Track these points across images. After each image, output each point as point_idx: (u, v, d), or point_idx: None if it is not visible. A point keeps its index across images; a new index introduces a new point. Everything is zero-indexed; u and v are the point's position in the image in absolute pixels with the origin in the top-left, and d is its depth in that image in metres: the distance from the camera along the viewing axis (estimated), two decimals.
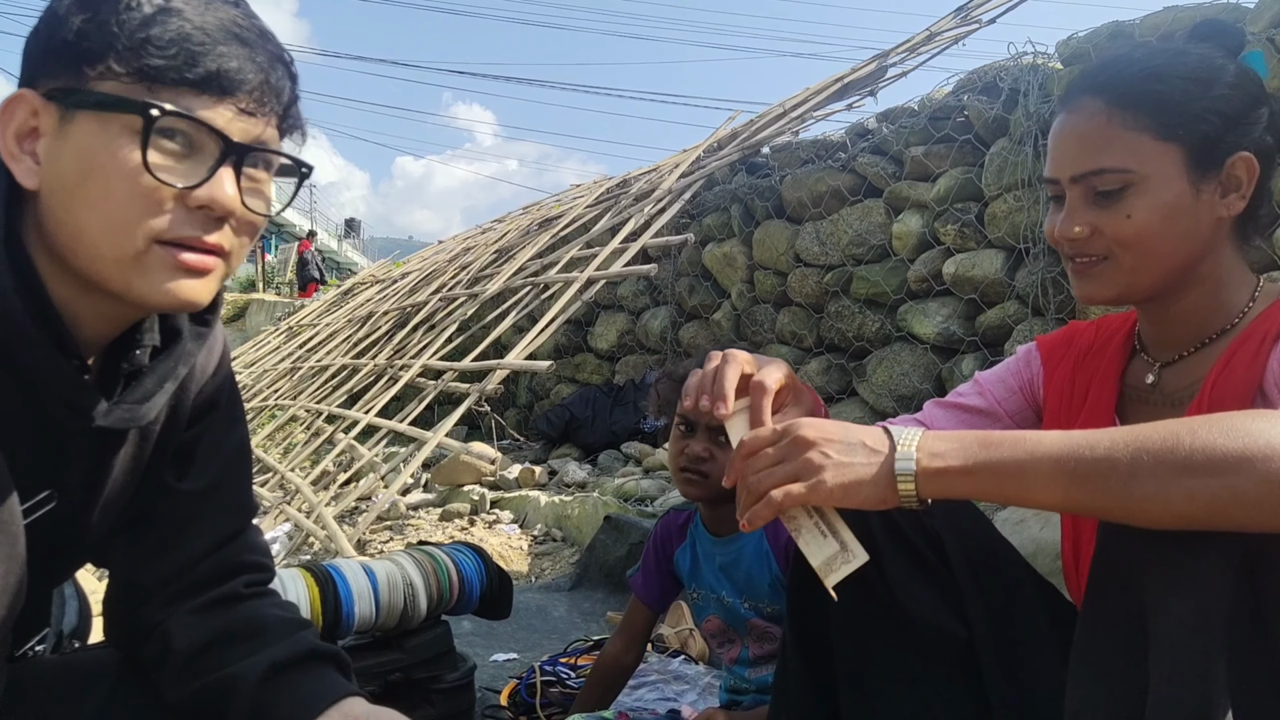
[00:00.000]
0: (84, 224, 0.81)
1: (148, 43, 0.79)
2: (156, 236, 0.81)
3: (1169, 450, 0.78)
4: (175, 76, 0.80)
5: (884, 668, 1.07)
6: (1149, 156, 1.01)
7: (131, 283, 0.83)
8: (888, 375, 4.33)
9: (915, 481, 0.87)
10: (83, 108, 0.80)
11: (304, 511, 3.83)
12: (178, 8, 0.81)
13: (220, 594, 1.02)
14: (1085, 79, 1.08)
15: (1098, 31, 3.64)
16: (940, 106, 4.26)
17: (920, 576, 1.06)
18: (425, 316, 6.12)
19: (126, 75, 0.79)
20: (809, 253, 4.80)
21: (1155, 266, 1.03)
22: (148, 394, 0.93)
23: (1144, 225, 1.01)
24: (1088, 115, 1.04)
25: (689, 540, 1.67)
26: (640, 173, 6.93)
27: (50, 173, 0.81)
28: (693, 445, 1.52)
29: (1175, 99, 1.01)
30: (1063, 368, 1.21)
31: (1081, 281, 1.07)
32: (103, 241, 0.81)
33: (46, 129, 0.81)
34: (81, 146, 0.80)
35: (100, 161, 0.80)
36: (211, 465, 1.05)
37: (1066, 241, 1.06)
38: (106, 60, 0.79)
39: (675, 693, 1.92)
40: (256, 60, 0.84)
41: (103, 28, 0.79)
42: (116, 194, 0.80)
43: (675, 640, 2.25)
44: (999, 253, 3.92)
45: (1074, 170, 1.04)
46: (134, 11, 0.80)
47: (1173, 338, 1.11)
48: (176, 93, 0.80)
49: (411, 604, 1.72)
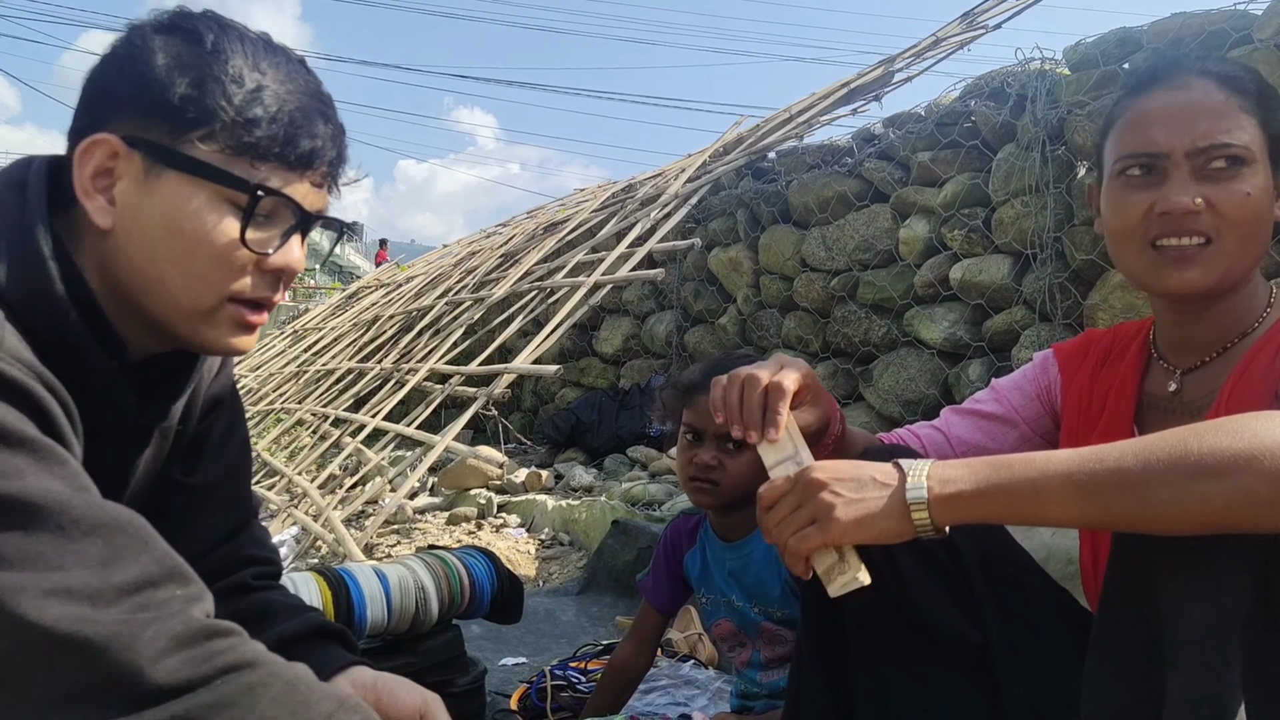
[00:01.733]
0: (165, 275, 0.86)
1: (253, 122, 0.85)
2: (233, 296, 0.88)
3: (1179, 457, 0.78)
4: (275, 154, 0.86)
5: (899, 672, 1.07)
6: (1256, 143, 1.01)
7: (198, 331, 0.90)
8: (894, 381, 4.33)
9: (929, 509, 0.88)
10: (178, 169, 0.84)
11: (311, 515, 3.83)
12: (270, 84, 0.87)
13: (229, 584, 1.06)
14: (1183, 62, 1.06)
15: (1105, 37, 3.65)
16: (947, 112, 4.26)
17: (936, 581, 1.06)
18: (431, 320, 6.13)
19: (229, 148, 0.85)
20: (815, 258, 4.80)
21: (1250, 253, 1.02)
22: (175, 395, 0.98)
23: (1259, 205, 1.00)
24: (1203, 92, 1.02)
25: (699, 545, 1.67)
26: (646, 177, 6.94)
27: (130, 219, 0.86)
28: (701, 454, 1.52)
29: (1266, 92, 1.04)
30: (1080, 376, 1.21)
31: (1178, 269, 1.01)
32: (181, 294, 0.87)
33: (126, 174, 0.85)
34: (170, 205, 0.85)
35: (191, 225, 0.85)
36: (218, 461, 1.09)
37: (1177, 215, 1.00)
38: (210, 128, 0.84)
39: (686, 697, 1.93)
40: (334, 138, 0.91)
41: (208, 97, 0.84)
42: (203, 256, 0.86)
43: (685, 645, 2.25)
44: (1006, 258, 3.92)
45: (1198, 142, 1.00)
46: (238, 86, 0.85)
47: (1198, 340, 1.09)
48: (271, 168, 0.87)
49: (423, 608, 1.72)
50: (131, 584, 0.72)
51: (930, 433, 1.23)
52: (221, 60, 0.86)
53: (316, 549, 3.62)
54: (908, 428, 1.26)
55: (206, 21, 0.88)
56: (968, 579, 1.07)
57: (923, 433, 1.23)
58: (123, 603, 0.70)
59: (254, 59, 0.87)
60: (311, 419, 5.79)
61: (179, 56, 0.85)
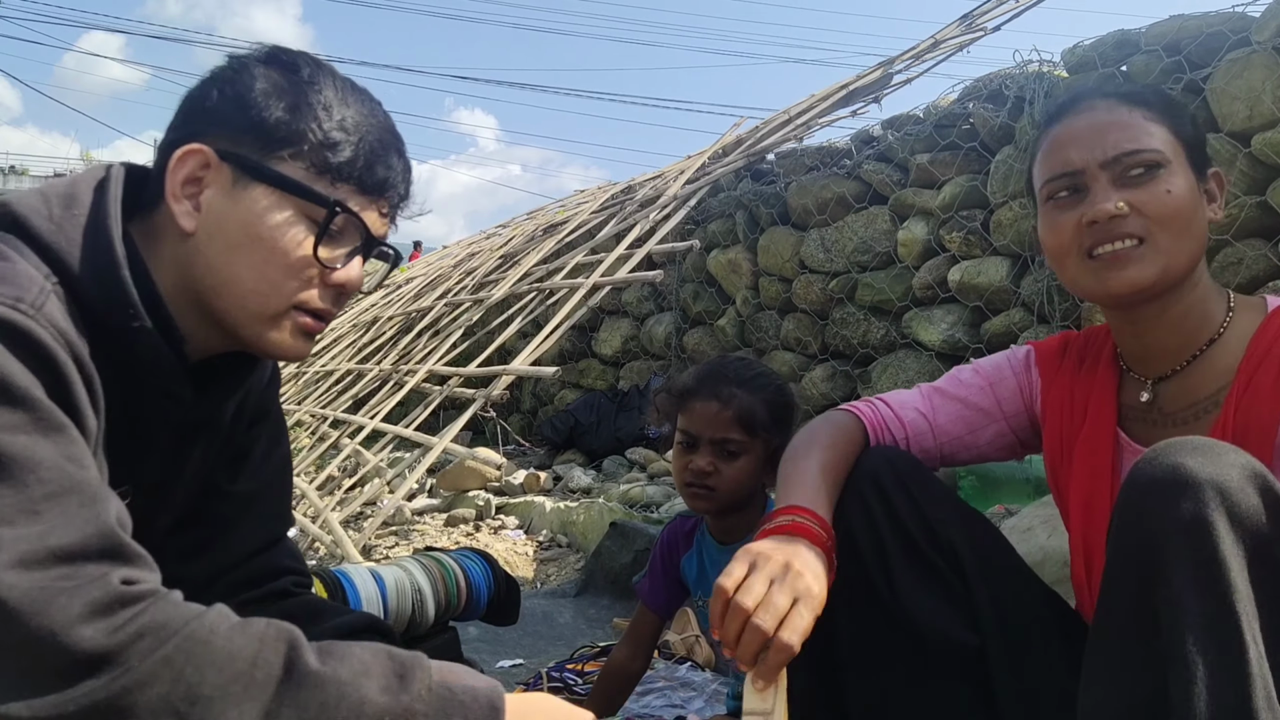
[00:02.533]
0: (239, 278, 0.93)
1: (337, 146, 0.93)
2: (299, 305, 0.95)
3: None
4: (354, 178, 0.94)
5: (892, 677, 1.07)
6: (1168, 146, 1.06)
7: (263, 334, 0.96)
8: (892, 382, 4.33)
9: None
10: (266, 182, 0.92)
11: (309, 516, 3.83)
12: (354, 116, 0.95)
13: (270, 590, 1.11)
14: (1084, 91, 1.13)
15: (1103, 40, 3.65)
16: (945, 114, 4.27)
17: (931, 586, 1.07)
18: (430, 322, 6.13)
19: (313, 167, 0.93)
20: (814, 259, 4.81)
21: (1186, 250, 1.05)
22: (229, 391, 1.04)
23: (1183, 201, 1.04)
24: (1109, 109, 1.08)
25: (696, 547, 1.67)
26: (645, 179, 6.94)
27: (213, 224, 0.92)
28: (696, 460, 1.52)
29: (1175, 103, 1.10)
30: (1060, 380, 1.21)
31: (1117, 270, 1.04)
32: (252, 298, 0.94)
33: (214, 183, 0.92)
34: (253, 214, 0.92)
35: (270, 234, 0.92)
36: (261, 471, 1.14)
37: (1104, 222, 1.04)
38: (298, 148, 0.92)
39: (682, 699, 1.93)
40: (405, 173, 1.00)
41: (300, 120, 0.92)
42: (277, 263, 0.93)
43: (682, 647, 2.25)
44: (1004, 260, 3.93)
45: (1109, 153, 1.05)
46: (327, 114, 0.94)
47: (1161, 348, 1.10)
48: (349, 190, 0.94)
49: (419, 610, 1.72)
50: (66, 551, 0.71)
51: (915, 418, 1.24)
52: (315, 90, 0.94)
53: (314, 550, 3.62)
54: (890, 404, 1.26)
55: (304, 57, 0.98)
56: (964, 582, 1.08)
57: (907, 418, 1.24)
58: (50, 569, 0.70)
59: (342, 94, 0.96)
60: (310, 420, 5.79)
61: (277, 84, 0.93)
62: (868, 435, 1.22)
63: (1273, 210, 3.03)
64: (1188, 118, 1.10)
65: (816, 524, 1.03)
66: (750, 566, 0.96)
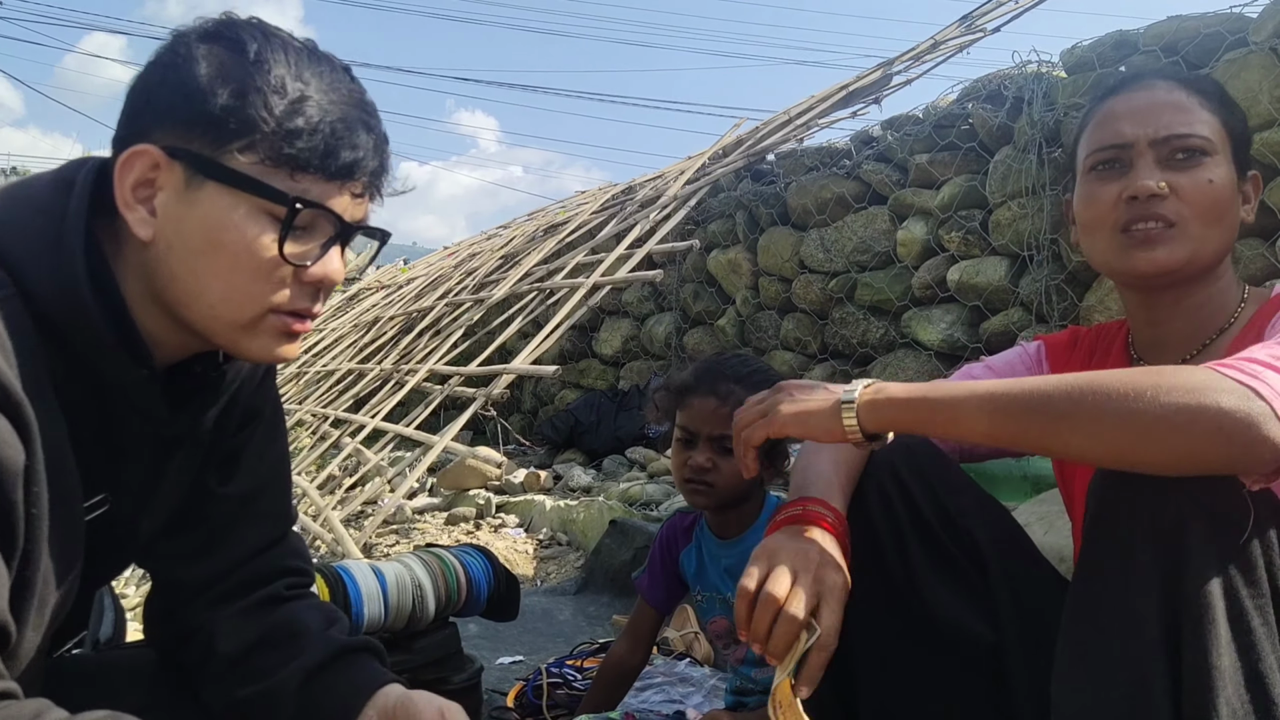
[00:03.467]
0: (205, 287, 0.86)
1: (294, 134, 0.84)
2: (275, 308, 0.88)
3: (1085, 382, 0.84)
4: (315, 165, 0.85)
5: (906, 670, 1.06)
6: (1217, 137, 1.07)
7: (239, 342, 0.90)
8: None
9: (856, 412, 0.95)
10: (218, 180, 0.84)
11: (311, 514, 3.84)
12: (312, 94, 0.86)
13: (263, 595, 1.06)
14: (1146, 70, 1.16)
15: (1101, 41, 3.66)
16: (945, 114, 4.28)
17: (948, 578, 1.06)
18: (431, 322, 6.14)
19: (269, 159, 0.84)
20: (814, 259, 4.82)
21: (1215, 240, 1.06)
22: (207, 405, 0.98)
23: (1221, 193, 1.05)
24: (1167, 90, 1.09)
25: (695, 542, 1.68)
26: (646, 179, 6.95)
27: (170, 231, 0.85)
28: (695, 456, 1.53)
29: (1230, 100, 1.11)
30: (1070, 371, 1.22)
31: (1146, 249, 1.05)
32: (222, 306, 0.87)
33: (167, 185, 0.84)
34: (211, 217, 0.84)
35: (232, 237, 0.84)
36: (255, 472, 1.08)
37: (1144, 199, 1.05)
38: (250, 139, 0.83)
39: (681, 695, 1.94)
40: (377, 148, 0.90)
41: (249, 108, 0.83)
42: (244, 268, 0.85)
43: (681, 643, 2.26)
44: (1003, 260, 3.94)
45: (1160, 132, 1.06)
46: (280, 97, 0.84)
47: (1174, 338, 1.12)
48: (312, 180, 0.85)
49: (420, 606, 1.73)
50: None
51: None
52: (264, 70, 0.84)
53: (315, 548, 3.63)
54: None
55: (250, 30, 0.87)
56: (983, 574, 1.07)
57: None
58: None
59: (297, 68, 0.86)
60: (311, 419, 5.80)
61: (221, 66, 0.84)
62: None
63: (1270, 210, 3.04)
64: (1241, 116, 1.11)
65: (828, 512, 1.03)
66: (770, 562, 0.96)
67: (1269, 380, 0.80)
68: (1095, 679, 0.85)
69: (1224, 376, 0.80)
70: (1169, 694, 0.80)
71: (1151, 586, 0.82)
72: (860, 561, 1.05)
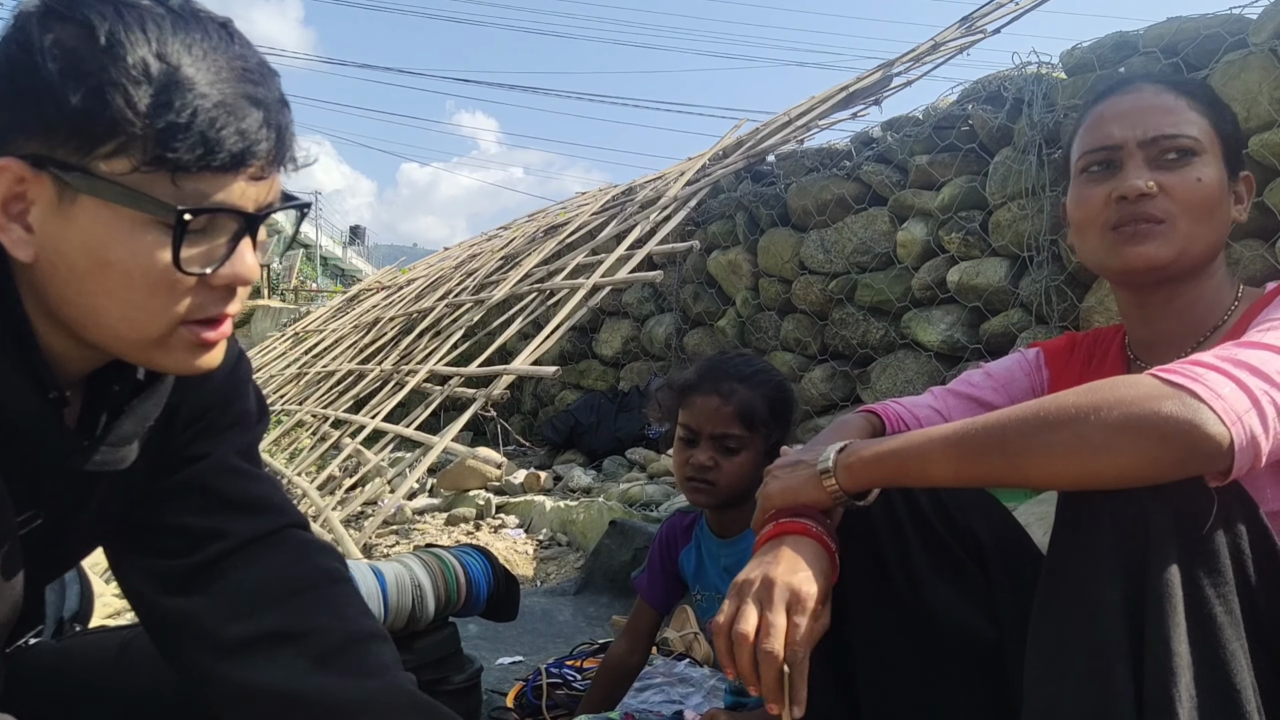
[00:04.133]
0: (100, 308, 0.77)
1: (168, 132, 0.72)
2: (181, 320, 0.79)
3: (1032, 413, 0.86)
4: (198, 163, 0.74)
5: (906, 668, 1.06)
6: (1206, 138, 1.08)
7: (152, 359, 0.82)
8: (892, 383, 4.35)
9: (835, 476, 1.00)
10: (91, 193, 0.73)
11: (311, 515, 3.85)
12: (184, 75, 0.73)
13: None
14: (1134, 74, 1.17)
15: (1101, 42, 3.66)
16: (945, 115, 4.28)
17: (949, 576, 1.06)
18: (431, 323, 6.15)
19: (144, 164, 0.73)
20: (814, 260, 4.82)
21: (1204, 238, 1.08)
22: (126, 437, 0.89)
23: (1210, 192, 1.07)
24: (1155, 93, 1.11)
25: (694, 542, 1.68)
26: (646, 180, 6.96)
27: (51, 251, 0.75)
28: (697, 455, 1.54)
29: (1220, 101, 1.13)
30: (1067, 377, 1.22)
31: (1138, 245, 1.07)
32: (123, 326, 0.78)
33: (39, 198, 0.74)
34: (91, 234, 0.74)
35: (118, 255, 0.75)
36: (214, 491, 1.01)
37: (1133, 199, 1.07)
38: (118, 142, 0.72)
39: (680, 695, 1.94)
40: (269, 121, 0.77)
41: (110, 108, 0.71)
42: (138, 285, 0.76)
43: (680, 644, 2.26)
44: (1003, 261, 3.94)
45: (1149, 133, 1.08)
46: (144, 87, 0.72)
47: (1168, 336, 1.12)
48: (198, 178, 0.75)
49: (419, 606, 1.74)
50: None
51: (930, 414, 1.23)
52: (120, 57, 0.72)
53: None
54: (903, 404, 1.26)
55: (98, 6, 0.73)
56: (986, 573, 1.07)
57: (921, 414, 1.23)
58: None
59: (159, 44, 0.73)
60: (311, 420, 5.80)
61: (72, 57, 0.71)
62: (884, 428, 1.21)
63: (1270, 211, 3.04)
64: (1230, 117, 1.12)
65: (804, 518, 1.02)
66: (738, 598, 0.96)
67: (1210, 382, 0.82)
68: (1061, 669, 0.86)
69: (1163, 383, 0.83)
70: (1132, 681, 0.81)
71: (1116, 578, 0.83)
72: (860, 559, 1.06)
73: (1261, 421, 0.81)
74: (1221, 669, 0.80)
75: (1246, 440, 0.81)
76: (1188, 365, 0.85)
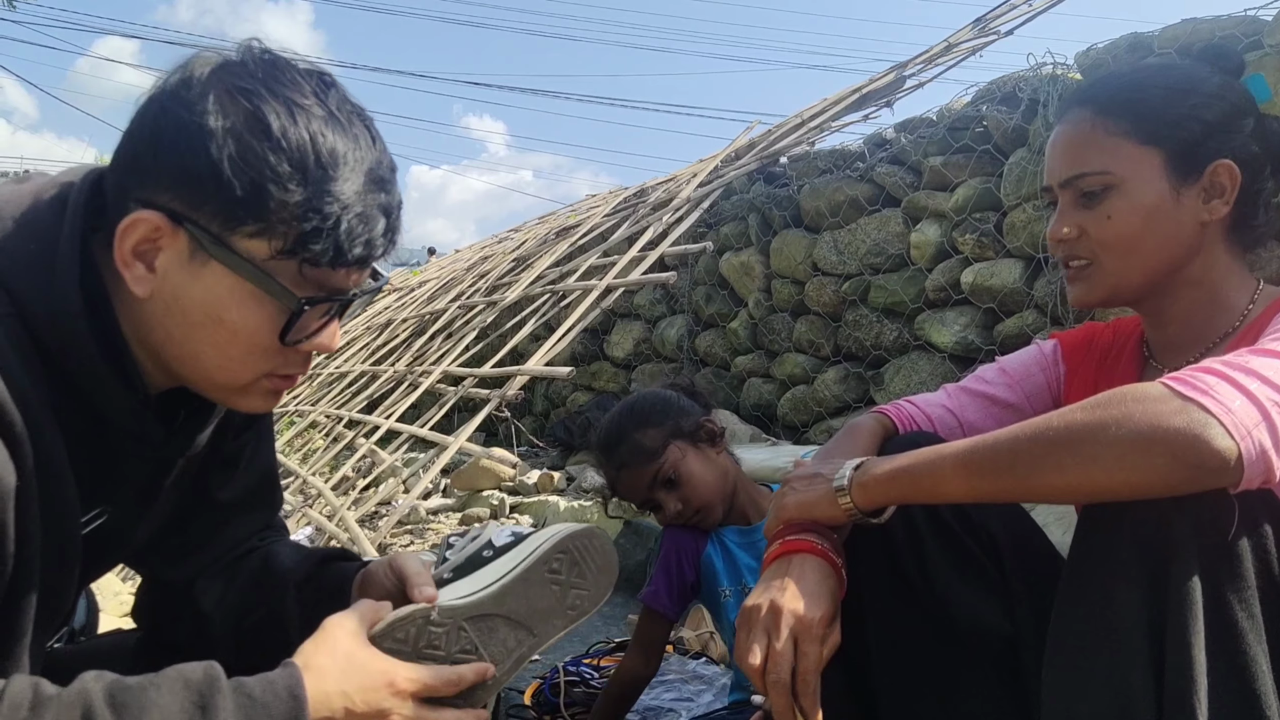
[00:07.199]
0: (201, 354, 0.87)
1: (310, 235, 0.81)
2: (267, 375, 0.90)
3: (1042, 431, 0.86)
4: (327, 260, 0.83)
5: (923, 665, 1.06)
6: (1128, 160, 1.06)
7: (230, 400, 0.92)
8: (905, 384, 4.34)
9: (850, 494, 1.00)
10: (224, 263, 0.82)
11: (326, 515, 3.86)
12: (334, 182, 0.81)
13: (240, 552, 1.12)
14: (1077, 92, 1.15)
15: (1116, 43, 3.65)
16: (959, 117, 4.28)
17: (965, 573, 1.06)
18: (444, 324, 6.16)
19: (280, 254, 0.82)
20: (826, 262, 4.82)
21: (1138, 268, 1.08)
22: (202, 425, 0.99)
23: (1123, 226, 1.06)
24: (1075, 123, 1.11)
25: (713, 540, 1.69)
26: (658, 182, 6.96)
27: (169, 294, 0.84)
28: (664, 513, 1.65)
29: (1154, 106, 1.07)
30: (1084, 371, 1.22)
31: (1072, 286, 1.12)
32: (216, 373, 0.88)
33: (170, 247, 0.82)
34: (215, 295, 0.83)
35: (233, 317, 0.84)
36: (248, 476, 1.12)
37: (1056, 244, 1.12)
38: (260, 226, 0.81)
39: (693, 692, 1.95)
40: (390, 224, 0.88)
41: (266, 199, 0.79)
42: (242, 345, 0.86)
43: (696, 643, 2.27)
44: (1017, 262, 3.93)
45: (1062, 175, 1.10)
46: (299, 187, 0.80)
47: (1176, 341, 1.13)
48: (322, 272, 0.85)
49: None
50: None
51: (943, 414, 1.24)
52: (283, 153, 0.80)
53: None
54: (916, 403, 1.27)
55: (274, 92, 0.81)
56: (1002, 571, 1.07)
57: (934, 414, 1.24)
58: None
59: (317, 152, 0.81)
60: (325, 421, 5.83)
61: (239, 144, 0.79)
62: (896, 429, 1.22)
63: None
64: (1184, 111, 1.06)
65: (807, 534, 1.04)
66: (747, 627, 0.99)
67: (1221, 395, 0.82)
68: (1081, 672, 0.86)
69: (1173, 394, 0.83)
70: (1152, 687, 0.81)
71: (1136, 584, 0.83)
72: (876, 558, 1.06)
73: (1272, 435, 0.81)
74: (1242, 674, 0.80)
75: (1256, 454, 0.80)
76: (1199, 374, 0.84)
